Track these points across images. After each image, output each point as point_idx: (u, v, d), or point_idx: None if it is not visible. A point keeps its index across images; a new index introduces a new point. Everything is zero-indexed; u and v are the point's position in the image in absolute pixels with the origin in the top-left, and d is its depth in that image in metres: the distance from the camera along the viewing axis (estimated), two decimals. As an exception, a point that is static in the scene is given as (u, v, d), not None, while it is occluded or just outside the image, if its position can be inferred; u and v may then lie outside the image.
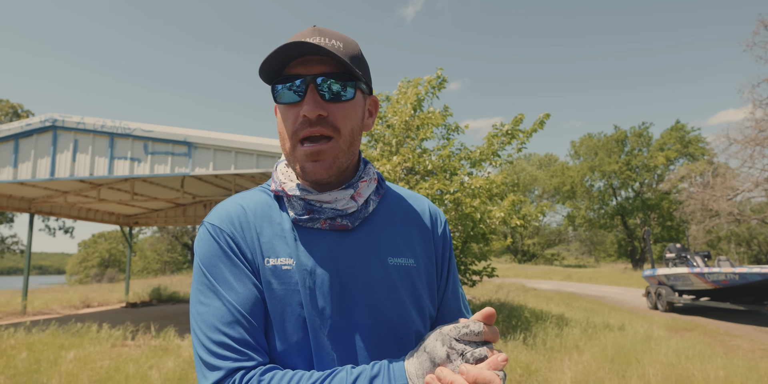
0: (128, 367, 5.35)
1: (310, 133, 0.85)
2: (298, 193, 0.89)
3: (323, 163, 0.86)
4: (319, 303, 0.85)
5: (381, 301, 0.88)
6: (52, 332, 7.46)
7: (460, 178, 7.95)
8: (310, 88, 0.84)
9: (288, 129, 0.87)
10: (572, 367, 5.53)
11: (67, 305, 14.07)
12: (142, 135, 8.39)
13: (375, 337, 0.86)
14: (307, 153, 0.85)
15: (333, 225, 0.89)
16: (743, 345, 8.01)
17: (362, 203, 0.92)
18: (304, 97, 0.84)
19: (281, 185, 0.92)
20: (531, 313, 9.71)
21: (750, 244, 41.53)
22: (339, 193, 0.90)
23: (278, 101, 0.88)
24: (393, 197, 1.02)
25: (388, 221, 0.96)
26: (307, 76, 0.84)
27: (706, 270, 11.01)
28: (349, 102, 0.87)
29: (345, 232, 0.91)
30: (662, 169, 42.95)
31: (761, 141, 20.83)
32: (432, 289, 0.98)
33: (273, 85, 0.88)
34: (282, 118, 0.89)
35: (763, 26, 21.00)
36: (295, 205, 0.90)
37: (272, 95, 0.90)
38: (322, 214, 0.89)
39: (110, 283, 32.67)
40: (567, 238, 62.18)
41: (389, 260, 0.91)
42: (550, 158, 62.70)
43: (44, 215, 13.76)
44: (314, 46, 0.81)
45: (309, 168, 0.86)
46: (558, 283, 25.91)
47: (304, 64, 0.85)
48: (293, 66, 0.86)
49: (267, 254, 0.87)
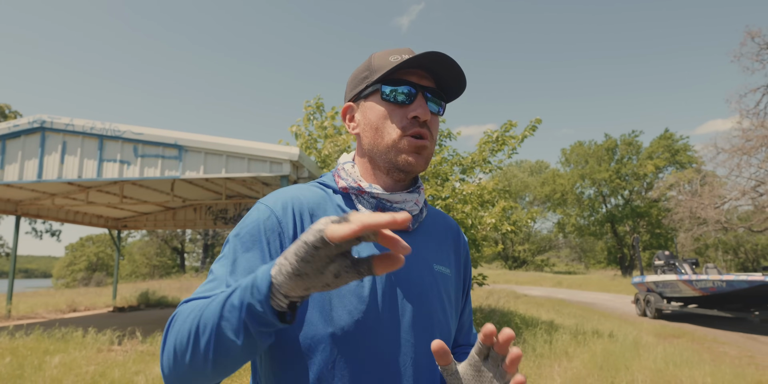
0: (114, 373, 5.27)
1: (419, 132, 0.92)
2: (374, 191, 0.94)
3: (423, 157, 0.94)
4: (375, 298, 0.86)
5: (429, 303, 0.92)
6: (36, 337, 7.34)
7: (451, 184, 7.97)
8: (420, 96, 0.93)
9: (396, 125, 0.93)
10: (562, 374, 5.53)
11: (53, 309, 13.86)
12: (132, 137, 8.32)
13: (419, 337, 0.88)
14: (416, 145, 0.92)
15: None
16: (730, 352, 8.07)
17: (422, 208, 1.00)
18: (414, 100, 0.93)
19: (355, 182, 0.95)
20: (521, 320, 9.72)
21: (737, 252, 41.98)
22: (408, 195, 0.96)
23: (386, 99, 0.94)
24: (431, 210, 1.09)
25: (432, 230, 1.03)
26: (418, 85, 0.93)
27: (694, 277, 11.10)
28: (439, 116, 0.98)
29: (405, 233, 0.96)
30: (651, 177, 43.36)
31: (748, 150, 21.11)
32: (458, 301, 1.04)
33: (383, 84, 0.94)
34: (383, 116, 0.94)
35: (750, 37, 21.37)
36: (365, 203, 0.95)
37: (368, 93, 0.96)
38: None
39: (98, 287, 32.27)
40: (557, 245, 62.44)
41: (434, 266, 0.97)
42: (541, 165, 63.10)
43: (31, 218, 13.59)
44: (450, 60, 0.91)
45: (413, 159, 0.92)
46: (548, 289, 25.99)
47: (413, 75, 0.94)
48: (404, 74, 0.94)
49: None
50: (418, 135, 0.92)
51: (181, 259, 47.02)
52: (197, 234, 46.09)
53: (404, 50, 0.95)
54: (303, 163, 7.92)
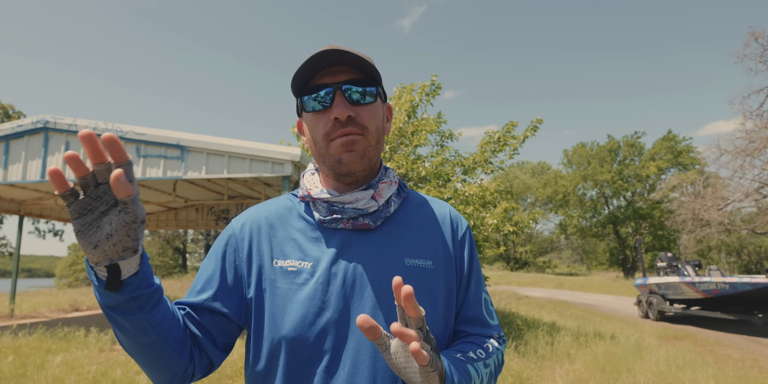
0: (115, 372, 5.28)
1: (342, 133, 0.91)
2: (323, 196, 0.96)
3: (356, 153, 0.92)
4: (329, 299, 0.88)
5: (390, 300, 0.89)
6: (39, 336, 7.36)
7: (453, 185, 7.97)
8: (337, 94, 0.91)
9: (320, 133, 0.93)
10: (564, 376, 5.52)
11: (56, 309, 13.89)
12: (134, 138, 8.34)
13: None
14: (342, 143, 0.91)
15: (356, 224, 0.95)
16: (733, 354, 8.04)
17: (383, 203, 0.97)
18: (332, 102, 0.91)
19: (307, 191, 0.99)
20: (523, 321, 9.71)
21: (740, 254, 41.86)
22: (359, 193, 0.95)
23: (308, 110, 0.95)
24: (415, 201, 1.06)
25: (409, 223, 1.00)
26: (334, 84, 0.91)
27: (697, 279, 11.06)
28: (372, 104, 0.95)
29: (367, 231, 0.95)
30: (654, 179, 43.27)
31: (751, 152, 21.05)
32: (450, 293, 0.99)
33: (301, 96, 0.95)
34: (312, 125, 0.95)
35: (754, 38, 21.31)
36: (319, 208, 0.96)
37: (300, 107, 0.98)
38: (344, 214, 0.94)
39: (100, 286, 32.27)
40: (559, 247, 62.34)
41: (406, 261, 0.94)
42: (543, 166, 63.01)
43: (34, 217, 13.63)
44: (342, 53, 0.88)
45: (345, 158, 0.92)
46: (550, 291, 25.93)
47: (329, 75, 0.92)
48: (319, 78, 0.93)
49: (276, 256, 0.94)
50: (345, 134, 0.91)
51: (183, 259, 47.08)
52: (199, 234, 46.16)
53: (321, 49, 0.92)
54: (305, 163, 7.93)
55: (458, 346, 0.95)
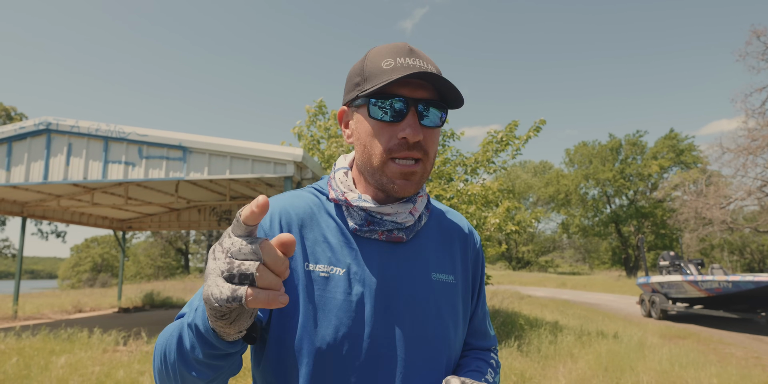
0: (119, 373, 5.30)
1: (407, 155, 0.86)
2: (363, 204, 0.90)
3: (412, 182, 0.88)
4: (362, 311, 0.86)
5: (423, 315, 0.89)
6: (42, 337, 7.38)
7: (456, 184, 7.96)
8: (411, 111, 0.86)
9: (382, 146, 0.87)
10: (566, 375, 5.52)
11: (59, 310, 13.93)
12: (136, 139, 8.36)
13: (411, 350, 0.87)
14: (403, 172, 0.87)
15: (390, 237, 0.92)
16: (736, 353, 8.03)
17: (417, 217, 0.94)
18: (404, 119, 0.86)
19: (342, 194, 0.93)
20: (525, 320, 9.70)
21: (743, 253, 41.74)
22: (400, 206, 0.92)
23: (372, 115, 0.87)
24: (436, 213, 1.05)
25: (434, 237, 0.99)
26: (410, 99, 0.85)
27: (700, 278, 11.04)
28: (438, 129, 0.91)
29: (398, 244, 0.93)
30: (656, 178, 43.21)
31: (754, 150, 21.01)
32: (467, 307, 1.00)
33: (369, 97, 0.87)
34: (374, 133, 0.88)
35: (756, 36, 21.26)
36: (354, 215, 0.91)
37: (358, 104, 0.90)
38: (382, 226, 0.91)
39: (103, 288, 32.41)
40: (561, 246, 62.26)
41: (433, 275, 0.94)
42: (545, 165, 62.92)
43: (37, 219, 13.66)
44: (435, 77, 0.83)
45: (400, 185, 0.88)
46: (552, 290, 25.91)
47: (407, 86, 0.86)
48: (396, 85, 0.86)
49: (307, 259, 0.88)
50: (408, 157, 0.87)
51: (185, 260, 47.15)
52: (201, 235, 46.24)
53: (401, 49, 0.88)
54: (307, 164, 7.94)
55: (476, 365, 0.98)
